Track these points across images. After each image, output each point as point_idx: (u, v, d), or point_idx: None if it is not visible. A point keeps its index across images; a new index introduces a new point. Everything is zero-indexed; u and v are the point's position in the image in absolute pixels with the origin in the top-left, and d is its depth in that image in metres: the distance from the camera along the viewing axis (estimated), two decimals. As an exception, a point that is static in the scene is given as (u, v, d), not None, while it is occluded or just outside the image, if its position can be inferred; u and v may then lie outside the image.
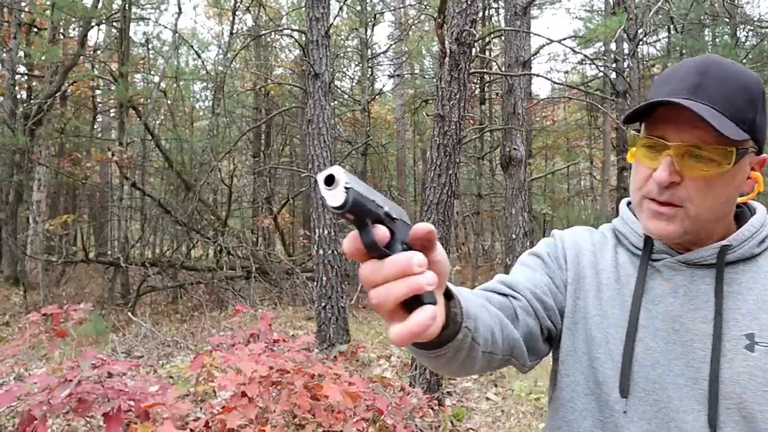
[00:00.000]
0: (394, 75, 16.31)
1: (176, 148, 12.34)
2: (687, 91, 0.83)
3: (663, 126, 0.86)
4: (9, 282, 11.57)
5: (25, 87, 13.25)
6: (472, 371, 0.80)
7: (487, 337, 0.76)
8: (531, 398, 4.94)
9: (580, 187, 20.68)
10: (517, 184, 8.48)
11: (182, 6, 19.62)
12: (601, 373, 0.91)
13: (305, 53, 6.86)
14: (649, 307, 0.91)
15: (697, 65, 0.86)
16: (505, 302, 0.91)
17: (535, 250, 1.06)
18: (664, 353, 0.88)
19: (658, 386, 0.87)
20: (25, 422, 2.06)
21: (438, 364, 0.73)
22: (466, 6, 4.05)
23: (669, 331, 0.88)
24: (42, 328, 2.74)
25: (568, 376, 0.96)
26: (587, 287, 0.97)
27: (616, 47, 11.77)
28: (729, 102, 0.82)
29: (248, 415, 2.24)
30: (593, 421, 0.91)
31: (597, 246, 1.02)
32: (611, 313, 0.93)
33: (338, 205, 0.48)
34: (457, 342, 0.68)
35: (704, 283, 0.89)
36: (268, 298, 9.59)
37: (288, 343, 2.89)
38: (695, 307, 0.88)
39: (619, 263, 0.98)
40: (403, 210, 0.61)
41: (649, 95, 0.91)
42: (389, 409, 2.80)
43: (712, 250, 0.89)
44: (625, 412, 0.88)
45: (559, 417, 0.97)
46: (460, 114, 4.18)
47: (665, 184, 0.84)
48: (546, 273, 1.00)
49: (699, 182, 0.84)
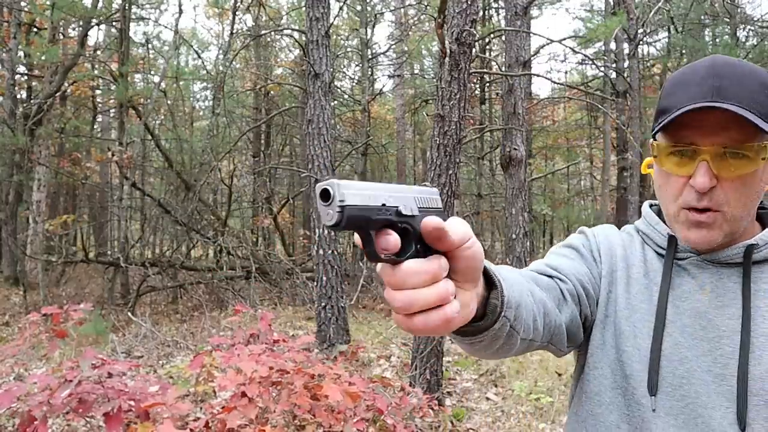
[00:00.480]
0: (394, 75, 16.31)
1: (176, 148, 12.35)
2: (712, 94, 0.84)
3: (688, 132, 0.86)
4: (9, 282, 11.57)
5: (25, 87, 13.25)
6: (508, 355, 0.80)
7: (528, 324, 0.76)
8: (531, 398, 4.94)
9: (580, 187, 20.69)
10: (517, 184, 8.48)
11: (182, 6, 19.62)
12: (628, 366, 0.91)
13: (305, 53, 6.86)
14: (677, 303, 0.92)
15: (710, 68, 0.87)
16: (552, 284, 0.91)
17: (568, 242, 1.06)
18: (692, 349, 0.88)
19: (685, 381, 0.87)
20: (26, 422, 2.06)
21: (473, 349, 0.73)
22: (466, 6, 4.05)
23: (696, 328, 0.89)
24: (42, 328, 2.74)
25: (596, 369, 0.96)
26: (618, 281, 0.98)
27: (616, 47, 11.79)
28: (753, 99, 0.83)
29: (248, 415, 2.24)
30: (619, 415, 0.92)
31: (626, 242, 1.03)
32: (639, 307, 0.94)
33: (332, 225, 0.47)
34: (493, 331, 0.68)
35: (731, 281, 0.90)
36: (268, 298, 9.59)
37: (288, 343, 2.89)
38: (722, 304, 0.89)
39: (647, 259, 0.99)
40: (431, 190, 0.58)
41: (663, 103, 0.90)
42: (389, 409, 2.80)
43: (738, 249, 0.90)
44: (654, 410, 0.88)
45: (585, 410, 0.98)
46: (460, 114, 4.17)
47: (706, 190, 0.85)
48: (584, 264, 1.00)
49: (736, 182, 0.85)
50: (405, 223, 0.53)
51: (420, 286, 0.51)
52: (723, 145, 0.84)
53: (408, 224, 0.53)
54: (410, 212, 0.53)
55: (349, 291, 8.79)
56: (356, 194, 0.48)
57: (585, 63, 16.29)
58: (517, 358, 6.11)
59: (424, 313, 0.52)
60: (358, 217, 0.48)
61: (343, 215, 0.47)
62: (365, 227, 0.50)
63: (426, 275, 0.51)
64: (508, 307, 0.68)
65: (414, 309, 0.52)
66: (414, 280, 0.51)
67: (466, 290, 0.58)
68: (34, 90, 13.06)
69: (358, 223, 0.48)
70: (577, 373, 1.03)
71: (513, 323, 0.70)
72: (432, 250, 0.53)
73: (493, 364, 5.87)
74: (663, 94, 0.92)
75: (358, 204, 0.48)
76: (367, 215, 0.49)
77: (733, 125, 0.82)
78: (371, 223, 0.50)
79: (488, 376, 5.61)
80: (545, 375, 5.56)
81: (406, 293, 0.51)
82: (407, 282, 0.51)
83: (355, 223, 0.48)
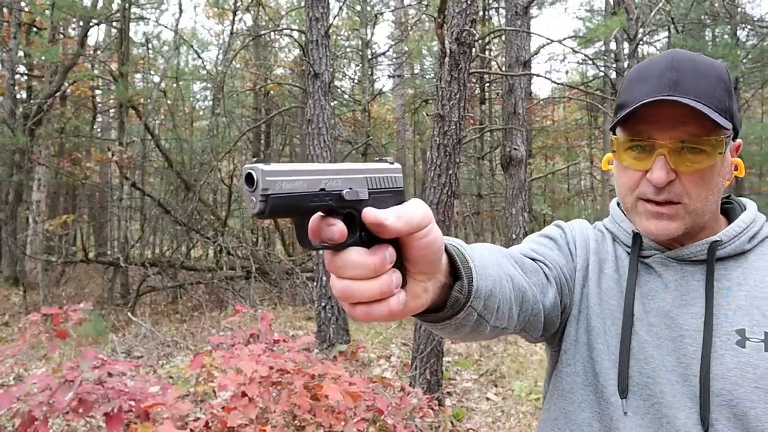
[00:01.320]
0: (394, 75, 16.31)
1: (176, 148, 12.35)
2: (669, 88, 0.83)
3: (646, 126, 0.85)
4: (9, 282, 11.57)
5: (25, 87, 13.25)
6: (478, 340, 0.78)
7: (503, 312, 0.73)
8: (531, 398, 4.93)
9: (580, 187, 20.68)
10: (517, 184, 8.48)
11: (182, 6, 19.62)
12: (598, 364, 0.91)
13: (305, 53, 6.86)
14: (643, 302, 0.91)
15: (669, 62, 0.86)
16: (536, 267, 0.89)
17: (546, 233, 1.04)
18: (657, 348, 0.87)
19: (651, 381, 0.86)
20: (26, 423, 2.06)
21: (441, 334, 0.72)
22: (466, 6, 4.05)
23: (661, 327, 0.88)
24: (42, 328, 2.74)
25: (569, 366, 0.95)
26: (591, 276, 0.97)
27: (616, 47, 11.78)
28: (710, 94, 0.83)
29: (248, 415, 2.24)
30: (591, 413, 0.91)
31: (598, 237, 1.02)
32: (609, 304, 0.93)
33: (255, 213, 0.44)
34: (457, 320, 0.65)
35: (695, 279, 0.89)
36: (268, 298, 9.59)
37: (288, 343, 2.88)
38: (686, 303, 0.88)
39: (617, 256, 0.98)
40: (391, 167, 0.53)
41: (622, 97, 0.90)
42: (389, 410, 2.80)
43: (702, 246, 0.89)
44: (625, 413, 0.87)
45: (556, 407, 0.97)
46: (460, 114, 4.17)
47: (663, 184, 0.84)
48: (562, 256, 0.99)
49: (694, 176, 0.84)
50: (349, 208, 0.49)
51: (359, 278, 0.49)
52: (680, 139, 0.83)
53: (353, 209, 0.49)
54: (356, 197, 0.49)
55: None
56: (285, 180, 0.44)
57: (585, 63, 16.29)
58: (517, 359, 6.11)
59: (366, 304, 0.50)
60: (285, 205, 0.44)
61: (267, 204, 0.44)
62: (298, 214, 0.46)
63: (365, 269, 0.48)
64: (476, 297, 0.65)
65: (353, 300, 0.49)
66: (353, 273, 0.48)
67: (419, 281, 0.55)
68: (34, 90, 13.05)
69: (287, 211, 0.45)
70: (550, 370, 1.02)
71: (482, 312, 0.68)
72: (380, 238, 0.49)
73: (493, 364, 5.87)
74: (623, 88, 0.91)
75: (286, 191, 0.44)
76: (298, 203, 0.45)
77: (691, 120, 0.82)
78: (304, 210, 0.46)
79: (488, 376, 5.61)
80: (545, 375, 5.55)
81: (345, 283, 0.49)
82: (346, 273, 0.49)
83: (283, 212, 0.45)
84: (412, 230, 0.49)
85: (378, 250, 0.49)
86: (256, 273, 9.33)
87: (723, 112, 0.83)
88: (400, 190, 0.53)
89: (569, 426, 0.94)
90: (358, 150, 13.23)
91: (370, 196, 0.50)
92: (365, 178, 0.50)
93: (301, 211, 0.46)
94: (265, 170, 0.44)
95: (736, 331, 0.84)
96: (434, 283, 0.59)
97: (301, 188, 0.45)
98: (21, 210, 11.81)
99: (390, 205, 0.49)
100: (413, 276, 0.54)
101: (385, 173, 0.52)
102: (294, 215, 0.46)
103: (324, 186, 0.47)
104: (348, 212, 0.49)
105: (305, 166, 0.46)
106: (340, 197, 0.48)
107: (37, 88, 12.91)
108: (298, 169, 0.46)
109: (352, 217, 0.49)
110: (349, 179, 0.49)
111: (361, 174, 0.50)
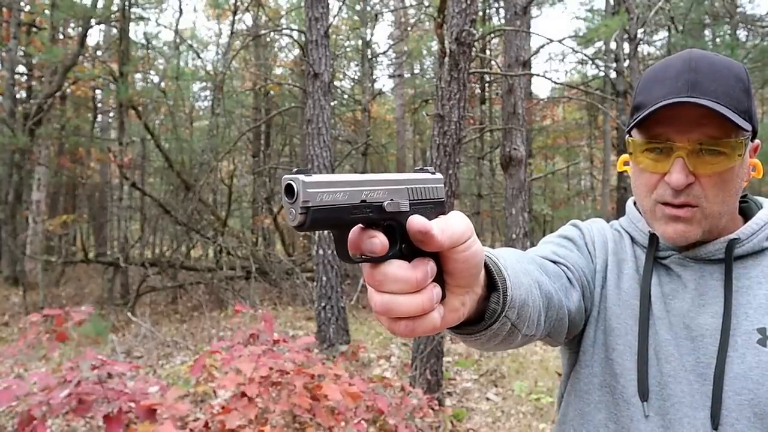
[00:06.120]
0: (394, 75, 16.30)
1: (176, 148, 12.34)
2: (687, 89, 0.82)
3: (663, 128, 0.84)
4: (8, 282, 11.56)
5: (25, 87, 13.25)
6: (508, 349, 0.77)
7: (533, 320, 0.72)
8: (531, 398, 4.93)
9: (580, 187, 20.68)
10: (517, 184, 8.47)
11: (182, 6, 19.61)
12: (618, 364, 0.90)
13: (305, 53, 6.85)
14: (665, 302, 0.90)
15: (686, 62, 0.85)
16: (558, 271, 0.88)
17: (564, 233, 1.02)
18: (677, 347, 0.87)
19: (671, 380, 0.86)
20: (25, 422, 2.06)
21: (472, 345, 0.70)
22: (466, 6, 4.04)
23: (681, 327, 0.87)
24: (42, 329, 2.74)
25: (587, 367, 0.94)
26: (610, 276, 0.96)
27: (616, 47, 11.78)
28: (729, 95, 0.82)
29: (248, 416, 2.23)
30: (607, 414, 0.90)
31: (616, 237, 1.01)
32: (630, 304, 0.92)
33: (295, 225, 0.42)
34: (492, 331, 0.64)
35: (713, 278, 0.88)
36: (268, 298, 9.59)
37: (288, 343, 2.88)
38: (704, 302, 0.87)
39: (637, 257, 0.97)
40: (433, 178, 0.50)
41: (638, 98, 0.88)
42: (389, 410, 2.80)
43: (720, 244, 0.88)
44: (647, 416, 0.85)
45: (573, 408, 0.96)
46: (460, 114, 4.17)
47: (682, 187, 0.83)
48: (582, 257, 0.97)
49: (713, 178, 0.83)
50: (390, 220, 0.47)
51: (401, 292, 0.47)
52: (699, 141, 0.82)
53: (393, 221, 0.47)
54: (397, 208, 0.47)
55: (349, 291, 8.80)
56: (326, 192, 0.43)
57: (585, 63, 16.29)
58: (517, 358, 6.11)
59: (409, 319, 0.48)
60: (326, 218, 0.43)
61: (307, 216, 0.42)
62: (337, 227, 0.45)
63: (407, 284, 0.47)
64: (511, 308, 0.64)
65: (394, 315, 0.48)
66: (394, 287, 0.47)
67: (457, 295, 0.54)
68: (34, 90, 13.05)
69: (327, 223, 0.43)
70: (567, 372, 1.01)
71: (515, 322, 0.67)
72: (421, 251, 0.48)
73: (493, 364, 5.86)
74: (638, 89, 0.90)
75: (327, 204, 0.43)
76: (338, 215, 0.44)
77: (709, 121, 0.81)
78: (344, 223, 0.45)
79: (488, 377, 5.61)
80: (545, 375, 5.55)
81: (386, 298, 0.47)
82: (386, 287, 0.47)
83: (323, 224, 0.43)
84: (454, 244, 0.48)
85: (420, 263, 0.48)
86: (256, 273, 9.33)
87: (742, 113, 0.82)
88: (441, 201, 0.51)
89: (585, 427, 0.93)
90: (358, 150, 13.23)
91: (411, 207, 0.48)
92: (406, 189, 0.49)
93: (342, 224, 0.45)
94: (306, 182, 0.42)
95: (758, 330, 0.83)
96: (471, 296, 0.57)
97: (341, 200, 0.44)
98: (21, 210, 11.81)
99: (431, 217, 0.47)
100: (451, 289, 0.53)
101: (426, 184, 0.51)
102: (334, 227, 0.45)
103: (365, 197, 0.45)
104: (388, 224, 0.47)
105: (345, 176, 0.45)
106: (381, 209, 0.46)
107: (37, 88, 12.90)
108: (338, 180, 0.44)
109: (392, 229, 0.47)
110: (390, 190, 0.47)
111: (403, 185, 0.49)
